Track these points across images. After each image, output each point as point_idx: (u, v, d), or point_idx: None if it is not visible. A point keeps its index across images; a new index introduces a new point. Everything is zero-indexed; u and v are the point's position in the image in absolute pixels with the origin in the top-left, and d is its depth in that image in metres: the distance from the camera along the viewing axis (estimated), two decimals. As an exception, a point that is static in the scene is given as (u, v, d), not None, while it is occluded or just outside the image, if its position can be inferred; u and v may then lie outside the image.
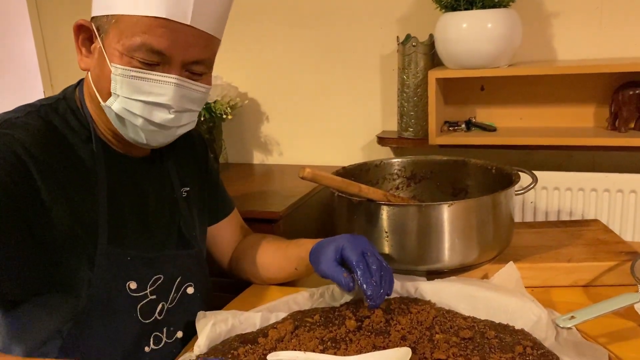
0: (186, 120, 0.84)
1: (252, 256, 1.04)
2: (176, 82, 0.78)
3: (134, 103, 0.78)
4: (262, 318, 0.85)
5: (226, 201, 1.11)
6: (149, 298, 0.86)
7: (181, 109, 0.81)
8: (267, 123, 1.93)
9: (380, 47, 1.74)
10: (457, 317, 0.82)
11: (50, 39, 2.15)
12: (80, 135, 0.83)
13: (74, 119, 0.84)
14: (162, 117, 0.79)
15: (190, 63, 0.79)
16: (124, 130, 0.82)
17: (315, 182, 0.89)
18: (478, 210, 0.93)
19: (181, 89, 0.79)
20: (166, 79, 0.77)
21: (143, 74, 0.77)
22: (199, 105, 0.85)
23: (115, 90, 0.78)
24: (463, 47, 1.44)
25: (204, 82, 0.83)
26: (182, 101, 0.80)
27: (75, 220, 0.79)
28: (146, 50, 0.75)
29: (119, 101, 0.78)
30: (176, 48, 0.76)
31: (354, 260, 0.82)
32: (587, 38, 1.54)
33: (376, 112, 1.80)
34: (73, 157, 0.81)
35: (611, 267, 0.95)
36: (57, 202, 0.77)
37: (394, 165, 1.20)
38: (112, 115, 0.81)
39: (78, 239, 0.79)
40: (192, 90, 0.81)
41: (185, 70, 0.80)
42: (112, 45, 0.77)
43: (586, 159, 1.60)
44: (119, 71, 0.77)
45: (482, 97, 1.65)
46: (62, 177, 0.78)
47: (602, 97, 1.53)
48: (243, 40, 1.86)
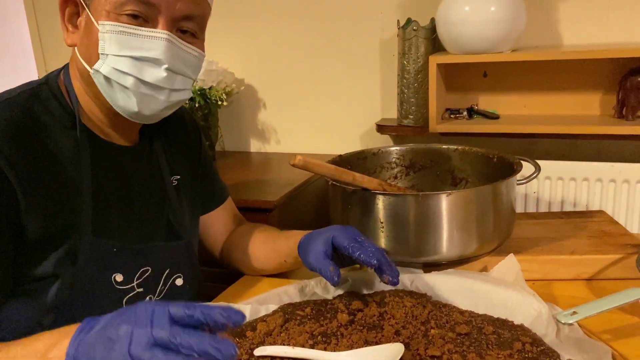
0: (180, 85, 0.80)
1: (243, 246, 1.02)
2: (167, 37, 0.76)
3: (123, 60, 0.75)
4: (252, 310, 0.83)
5: (220, 189, 1.08)
6: (135, 291, 0.84)
7: (174, 69, 0.78)
8: (265, 110, 1.90)
9: (380, 32, 1.71)
10: (453, 311, 0.79)
11: (44, 24, 2.12)
12: (63, 122, 0.80)
13: (56, 105, 0.80)
14: (154, 74, 0.77)
15: (179, 19, 0.77)
16: (114, 97, 0.78)
17: (307, 170, 0.86)
18: (478, 201, 0.90)
19: (173, 46, 0.77)
20: (156, 34, 0.75)
21: (132, 29, 0.75)
22: (192, 71, 0.82)
23: (103, 49, 0.75)
24: (465, 31, 1.41)
25: (197, 46, 0.81)
26: (175, 60, 0.78)
27: (56, 213, 0.76)
28: (134, 2, 0.74)
29: (108, 61, 0.76)
30: (163, 1, 0.75)
31: (346, 244, 0.79)
32: (594, 23, 1.50)
33: (375, 99, 1.77)
34: (53, 147, 0.78)
35: (616, 260, 0.93)
36: (33, 197, 0.74)
37: (392, 153, 1.17)
38: (101, 81, 0.77)
39: (59, 232, 0.77)
40: (184, 51, 0.79)
41: (176, 29, 0.78)
42: (99, 7, 0.75)
43: (591, 148, 1.57)
44: (106, 27, 0.75)
45: (485, 84, 1.62)
46: (39, 171, 0.75)
47: (608, 84, 1.50)
48: (240, 25, 1.83)
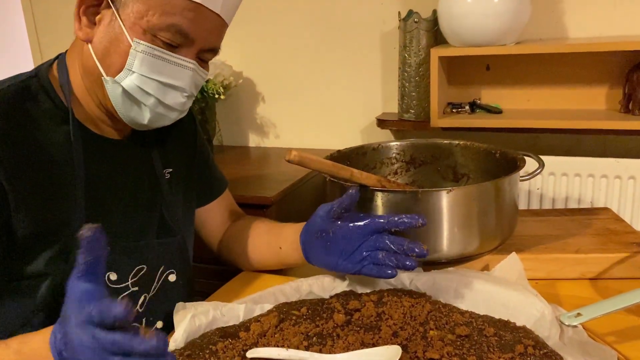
0: (189, 105, 0.84)
1: (241, 239, 1.00)
2: (194, 67, 0.79)
3: (151, 82, 0.76)
4: (246, 310, 0.81)
5: (217, 181, 1.07)
6: (130, 290, 0.83)
7: (190, 94, 0.81)
8: (263, 104, 1.88)
9: (381, 24, 1.68)
10: (453, 312, 0.77)
11: (40, 18, 2.10)
12: (54, 117, 0.78)
13: (47, 99, 0.79)
14: (175, 99, 0.79)
15: (206, 50, 0.80)
16: (125, 109, 0.78)
17: (303, 166, 0.83)
18: (479, 197, 0.87)
19: (195, 74, 0.80)
20: (186, 63, 0.78)
21: (166, 54, 0.76)
22: (197, 90, 0.85)
23: (131, 66, 0.75)
24: (468, 23, 1.39)
25: (206, 68, 0.84)
26: (193, 86, 0.81)
27: (46, 211, 0.75)
28: (174, 32, 0.75)
29: (134, 78, 0.75)
30: (201, 34, 0.77)
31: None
32: (600, 15, 1.47)
33: (376, 93, 1.75)
34: (43, 142, 0.76)
35: (621, 259, 0.90)
36: (22, 194, 0.72)
37: (392, 148, 1.15)
38: (117, 92, 0.77)
39: (50, 230, 0.75)
40: (200, 76, 0.82)
41: (197, 55, 0.80)
42: (132, 20, 0.74)
43: (597, 143, 1.54)
44: (141, 47, 0.74)
45: (488, 77, 1.60)
46: (28, 168, 0.74)
47: (615, 78, 1.48)
48: (238, 17, 1.79)
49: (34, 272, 0.76)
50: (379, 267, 0.80)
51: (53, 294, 0.77)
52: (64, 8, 2.01)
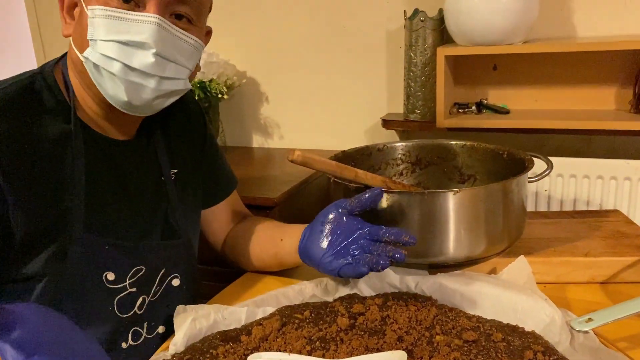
0: (172, 73, 0.77)
1: (245, 237, 0.99)
2: (157, 21, 0.72)
3: (110, 45, 0.72)
4: (248, 313, 0.80)
5: (225, 181, 1.05)
6: (127, 290, 0.81)
7: (164, 55, 0.74)
8: (267, 104, 1.87)
9: (386, 23, 1.67)
10: (460, 316, 0.76)
11: (44, 17, 2.11)
12: (56, 115, 0.77)
13: (50, 96, 0.78)
14: (141, 60, 0.73)
15: (172, 2, 0.74)
16: (104, 86, 0.76)
17: (307, 167, 0.82)
18: (487, 199, 0.86)
19: (163, 30, 0.73)
20: (145, 17, 0.72)
21: (121, 13, 0.72)
22: (187, 58, 0.78)
23: (92, 35, 0.73)
24: (474, 22, 1.37)
25: (193, 33, 0.78)
26: (165, 45, 0.74)
27: (45, 210, 0.74)
28: None
29: (96, 47, 0.73)
30: None
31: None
32: (610, 14, 1.46)
33: (381, 93, 1.73)
34: (44, 141, 0.75)
35: (632, 263, 0.89)
36: (21, 194, 0.72)
37: (397, 149, 1.13)
38: (91, 69, 0.75)
39: (48, 230, 0.74)
40: (176, 37, 0.75)
41: (169, 15, 0.75)
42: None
43: (606, 144, 1.53)
44: (95, 12, 0.72)
45: (495, 77, 1.59)
46: (27, 167, 0.73)
47: (625, 78, 1.46)
48: (242, 15, 1.80)
49: (30, 274, 0.75)
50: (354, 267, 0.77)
51: (49, 295, 0.76)
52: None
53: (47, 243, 0.75)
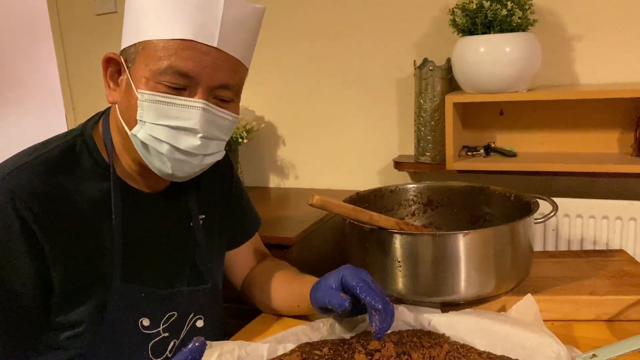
0: (213, 149, 0.81)
1: (262, 284, 1.02)
2: (203, 106, 0.76)
3: (160, 128, 0.76)
4: (270, 349, 0.82)
5: (249, 225, 1.08)
6: (161, 336, 0.85)
7: (208, 136, 0.79)
8: (284, 146, 1.93)
9: (397, 71, 1.74)
10: (471, 352, 0.78)
11: (73, 64, 2.20)
12: (95, 176, 0.82)
13: (89, 158, 0.83)
14: (188, 143, 0.77)
15: (216, 88, 0.78)
16: (150, 160, 0.80)
17: (325, 210, 0.87)
18: (495, 240, 0.89)
19: (208, 114, 0.77)
20: (193, 103, 0.76)
21: (169, 98, 0.76)
22: (226, 134, 0.83)
23: (141, 117, 0.77)
24: (481, 71, 1.42)
25: (232, 110, 0.82)
26: (209, 127, 0.78)
27: (83, 267, 0.78)
28: (172, 73, 0.75)
29: (145, 128, 0.77)
30: (203, 71, 0.76)
31: (354, 283, 0.78)
32: (610, 62, 1.51)
33: (393, 137, 1.78)
34: (84, 201, 0.80)
35: (637, 301, 0.91)
36: (60, 251, 0.76)
37: (409, 191, 1.17)
38: (138, 144, 0.79)
39: (87, 284, 0.78)
40: (218, 117, 0.80)
41: (213, 96, 0.79)
42: (139, 73, 0.77)
43: (610, 185, 1.55)
44: (145, 97, 0.76)
45: (502, 122, 1.62)
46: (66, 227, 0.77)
47: (626, 123, 1.49)
48: (259, 64, 1.87)
49: (71, 322, 0.79)
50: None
51: (88, 342, 0.79)
52: (96, 57, 2.10)
53: (87, 295, 0.78)
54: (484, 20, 1.41)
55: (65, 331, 0.79)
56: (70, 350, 0.80)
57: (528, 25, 1.43)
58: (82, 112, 2.21)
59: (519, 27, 1.41)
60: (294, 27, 1.84)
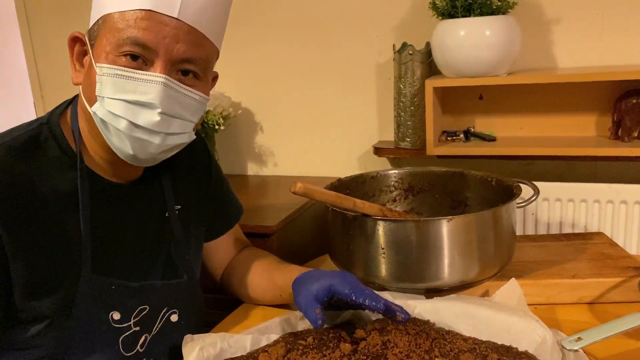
0: (177, 129, 0.77)
1: (242, 274, 1.01)
2: (164, 81, 0.73)
3: (117, 103, 0.73)
4: (253, 340, 0.81)
5: (230, 213, 1.06)
6: (132, 330, 0.83)
7: (169, 112, 0.75)
8: (262, 133, 1.90)
9: (376, 56, 1.72)
10: (457, 338, 0.78)
11: (40, 49, 2.13)
12: (61, 165, 0.79)
13: (56, 147, 0.79)
14: (147, 118, 0.74)
15: (178, 61, 0.75)
16: (110, 139, 0.77)
17: (308, 197, 0.85)
18: (478, 225, 0.89)
19: (169, 89, 0.74)
20: (152, 77, 0.73)
21: (127, 72, 0.73)
22: (192, 114, 0.79)
23: (100, 92, 0.74)
24: (461, 55, 1.42)
25: (198, 89, 0.78)
26: (170, 103, 0.74)
27: (48, 260, 0.75)
28: (131, 44, 0.72)
29: (104, 104, 0.74)
30: (162, 41, 0.72)
31: (347, 290, 0.77)
32: (588, 45, 1.52)
33: (372, 122, 1.77)
34: (49, 192, 0.77)
35: (617, 284, 0.93)
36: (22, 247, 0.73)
37: (390, 177, 1.17)
38: (99, 122, 0.76)
39: (52, 278, 0.76)
40: (182, 94, 0.76)
41: (176, 72, 0.75)
42: (100, 48, 0.74)
43: (588, 169, 1.57)
44: (103, 70, 0.73)
45: (481, 106, 1.63)
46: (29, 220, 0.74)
47: (604, 106, 1.51)
48: (236, 48, 1.84)
49: (36, 316, 0.76)
50: None
51: (56, 335, 0.77)
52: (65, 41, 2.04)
53: (53, 288, 0.76)
54: (464, 3, 1.40)
55: (32, 327, 0.76)
56: (39, 349, 0.78)
57: (508, 9, 1.42)
58: (51, 100, 2.13)
59: (498, 10, 1.41)
60: (271, 11, 1.81)
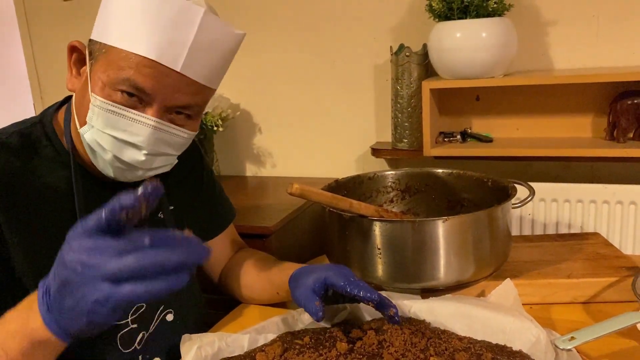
0: (159, 164, 0.80)
1: (239, 274, 1.01)
2: (154, 124, 0.75)
3: (106, 137, 0.75)
4: (250, 340, 0.82)
5: (223, 214, 1.06)
6: (129, 327, 0.83)
7: (154, 152, 0.77)
8: (260, 134, 1.91)
9: (374, 57, 1.73)
10: (452, 338, 0.79)
11: (40, 50, 2.13)
12: (54, 163, 0.80)
13: (48, 145, 0.80)
14: (132, 157, 0.76)
15: (174, 107, 0.76)
16: (95, 160, 0.79)
17: (305, 199, 0.86)
18: (474, 226, 0.90)
19: (158, 132, 0.75)
20: (144, 120, 0.74)
21: (121, 109, 0.74)
22: (177, 149, 0.81)
23: (90, 120, 0.75)
24: (457, 57, 1.43)
25: (189, 127, 0.80)
26: (157, 144, 0.76)
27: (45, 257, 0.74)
28: (129, 86, 0.73)
29: (92, 132, 0.76)
30: (162, 90, 0.74)
31: (342, 282, 0.78)
32: (583, 47, 1.52)
33: (370, 123, 1.78)
34: (44, 190, 0.78)
35: (612, 283, 0.93)
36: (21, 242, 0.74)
37: (387, 177, 1.17)
38: (86, 144, 0.78)
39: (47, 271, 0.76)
40: (171, 134, 0.78)
41: (169, 113, 0.77)
42: (98, 75, 0.75)
43: (584, 169, 1.58)
44: (97, 102, 0.74)
45: (478, 107, 1.63)
46: (28, 216, 0.75)
47: (599, 107, 1.52)
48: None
49: None
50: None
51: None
52: (64, 44, 2.04)
53: None
54: (460, 5, 1.41)
55: None
56: None
57: (504, 10, 1.43)
58: (51, 101, 2.09)
59: (495, 12, 1.42)
60: (269, 14, 1.81)
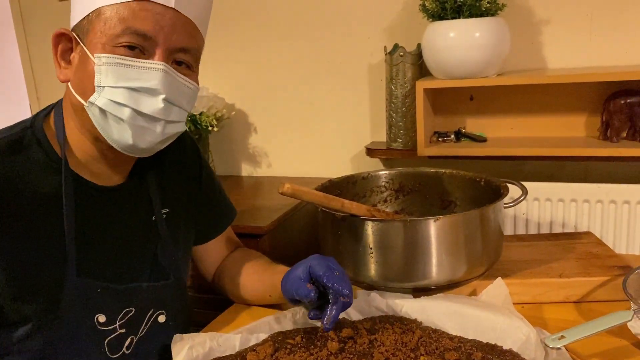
0: (176, 117, 0.79)
1: (233, 274, 1.01)
2: (164, 68, 0.75)
3: (120, 91, 0.73)
4: (242, 340, 0.82)
5: (222, 216, 1.06)
6: (117, 332, 0.83)
7: (171, 99, 0.76)
8: (255, 134, 1.91)
9: (368, 57, 1.73)
10: (443, 337, 0.79)
11: (35, 51, 2.13)
12: (45, 168, 0.78)
13: (39, 150, 0.79)
14: (151, 105, 0.75)
15: (175, 51, 0.77)
16: (108, 131, 0.76)
17: (296, 198, 0.86)
18: (465, 225, 0.90)
19: (169, 76, 0.76)
20: (153, 65, 0.74)
21: (128, 60, 0.73)
22: (188, 102, 0.81)
23: (99, 82, 0.74)
24: (451, 57, 1.43)
25: (191, 79, 0.81)
26: (172, 90, 0.76)
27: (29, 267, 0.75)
28: (130, 34, 0.73)
29: (104, 93, 0.74)
30: (161, 30, 0.74)
31: (321, 272, 0.78)
32: (577, 46, 1.53)
33: (365, 123, 1.78)
34: (32, 196, 0.77)
35: (603, 283, 0.93)
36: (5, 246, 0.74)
37: (381, 177, 1.18)
38: (96, 113, 0.75)
39: (34, 284, 0.76)
40: (180, 82, 0.78)
41: (172, 61, 0.77)
42: (94, 42, 0.74)
43: (578, 169, 1.58)
44: (103, 60, 0.73)
45: (472, 107, 1.64)
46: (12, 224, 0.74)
47: (593, 107, 1.52)
48: (230, 50, 1.85)
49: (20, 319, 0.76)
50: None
51: (42, 338, 0.77)
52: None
53: (36, 290, 0.76)
54: (454, 5, 1.41)
55: (17, 330, 0.77)
56: (24, 354, 0.78)
57: (497, 10, 1.44)
58: (47, 102, 2.07)
59: (488, 11, 1.42)
60: (264, 13, 1.82)
